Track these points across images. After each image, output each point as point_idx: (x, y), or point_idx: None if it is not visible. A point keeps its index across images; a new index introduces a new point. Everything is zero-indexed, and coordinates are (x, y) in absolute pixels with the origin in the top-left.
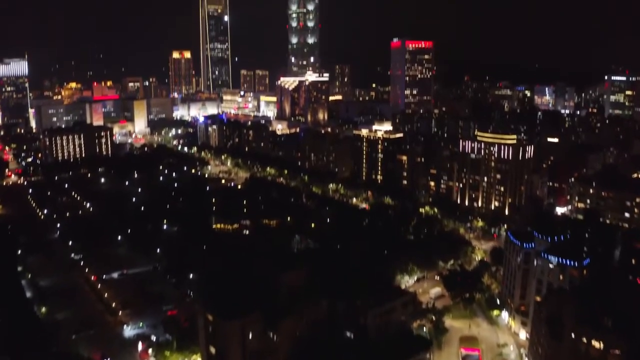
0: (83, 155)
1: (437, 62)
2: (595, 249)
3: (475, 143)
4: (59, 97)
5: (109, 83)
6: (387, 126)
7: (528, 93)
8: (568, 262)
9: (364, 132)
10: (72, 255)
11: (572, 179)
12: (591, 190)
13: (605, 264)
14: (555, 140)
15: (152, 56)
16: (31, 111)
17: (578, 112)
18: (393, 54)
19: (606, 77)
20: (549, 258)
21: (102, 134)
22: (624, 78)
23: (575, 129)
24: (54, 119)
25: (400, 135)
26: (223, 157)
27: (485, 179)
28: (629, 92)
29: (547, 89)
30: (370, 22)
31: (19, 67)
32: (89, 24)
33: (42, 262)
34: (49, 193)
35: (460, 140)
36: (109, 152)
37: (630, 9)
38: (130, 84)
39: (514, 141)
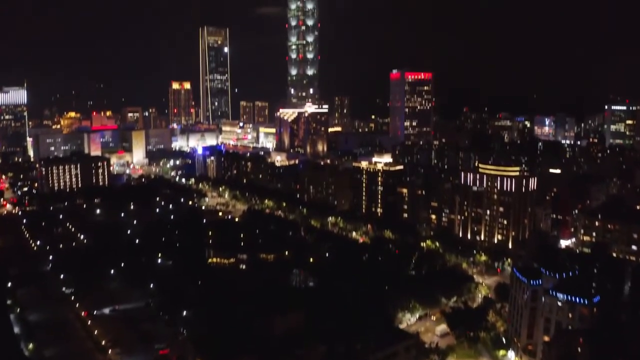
0: (79, 185)
1: (436, 93)
2: (604, 284)
3: (477, 175)
4: (59, 126)
5: (108, 113)
6: (387, 158)
7: (528, 124)
8: (578, 300)
9: (364, 164)
10: (64, 289)
11: (576, 211)
12: (597, 223)
13: (615, 300)
14: (557, 171)
15: (152, 87)
16: (29, 140)
17: (579, 142)
18: (392, 85)
19: (606, 107)
20: (558, 295)
21: (99, 164)
22: (624, 107)
23: (576, 159)
24: (52, 148)
25: (400, 167)
26: (221, 188)
27: (488, 212)
28: (629, 122)
29: (546, 119)
30: (370, 53)
31: (18, 95)
32: (91, 54)
33: (32, 296)
34: (43, 223)
35: (462, 173)
36: (106, 182)
37: (628, 37)
38: (130, 114)
39: (517, 173)
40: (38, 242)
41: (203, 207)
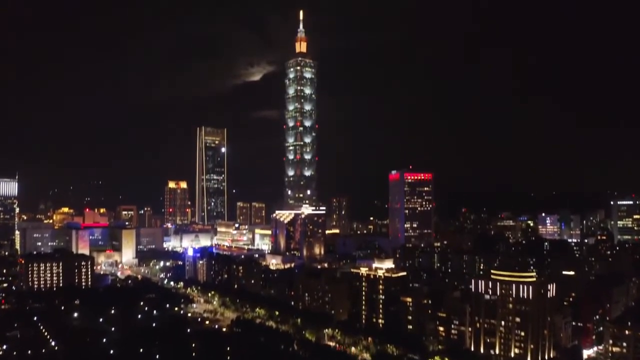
0: (61, 284)
1: (436, 194)
2: None
3: (489, 282)
4: (51, 221)
5: (102, 210)
6: (389, 263)
7: (531, 223)
8: None
9: (363, 270)
10: None
11: (597, 317)
12: (627, 332)
13: None
14: (571, 273)
15: (149, 185)
16: (17, 233)
17: (586, 240)
18: (391, 186)
19: (612, 202)
20: None
21: (83, 263)
22: (630, 202)
23: (587, 258)
24: (39, 243)
25: (403, 273)
26: (210, 294)
27: (503, 322)
28: (637, 216)
29: (548, 218)
30: (368, 154)
31: (9, 187)
32: (90, 152)
33: None
34: (15, 325)
35: (472, 280)
36: (89, 283)
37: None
38: (124, 212)
39: (534, 279)
40: (5, 346)
41: (189, 314)
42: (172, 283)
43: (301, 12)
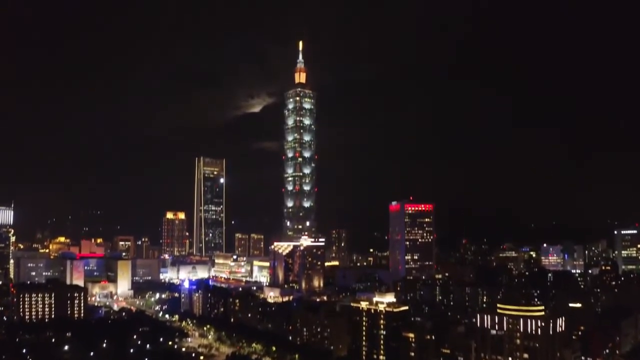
0: (52, 316)
1: (436, 224)
2: None
3: (496, 316)
4: (47, 250)
5: (98, 240)
6: (390, 297)
7: (533, 254)
8: None
9: (364, 304)
10: None
11: (607, 351)
12: None
13: None
14: (578, 305)
15: (147, 216)
16: (12, 262)
17: (590, 271)
18: (392, 217)
19: (615, 232)
20: None
21: (75, 294)
22: (634, 231)
23: (592, 290)
24: (33, 273)
25: (405, 308)
26: (205, 328)
27: (510, 359)
28: None
29: (551, 248)
30: (368, 185)
31: (5, 215)
32: (90, 182)
33: None
34: (4, 357)
35: (478, 314)
36: (82, 315)
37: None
38: (121, 243)
39: (542, 313)
40: None
41: (183, 349)
42: (167, 316)
43: (300, 43)
